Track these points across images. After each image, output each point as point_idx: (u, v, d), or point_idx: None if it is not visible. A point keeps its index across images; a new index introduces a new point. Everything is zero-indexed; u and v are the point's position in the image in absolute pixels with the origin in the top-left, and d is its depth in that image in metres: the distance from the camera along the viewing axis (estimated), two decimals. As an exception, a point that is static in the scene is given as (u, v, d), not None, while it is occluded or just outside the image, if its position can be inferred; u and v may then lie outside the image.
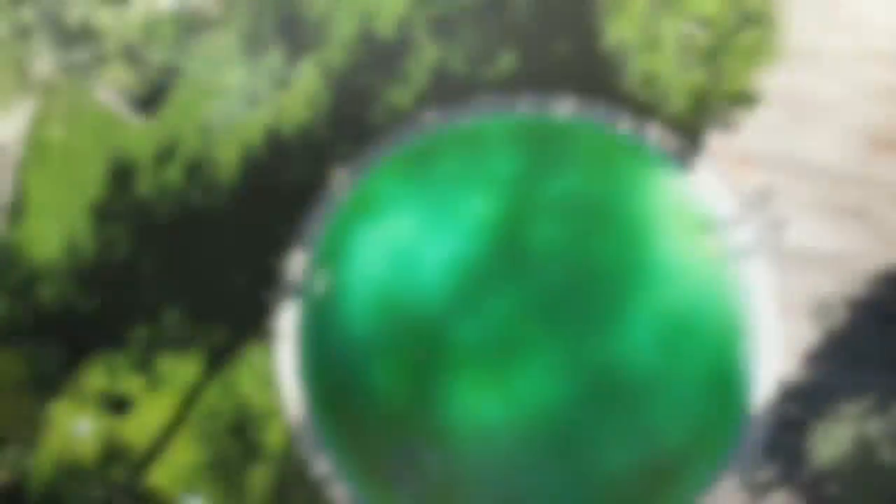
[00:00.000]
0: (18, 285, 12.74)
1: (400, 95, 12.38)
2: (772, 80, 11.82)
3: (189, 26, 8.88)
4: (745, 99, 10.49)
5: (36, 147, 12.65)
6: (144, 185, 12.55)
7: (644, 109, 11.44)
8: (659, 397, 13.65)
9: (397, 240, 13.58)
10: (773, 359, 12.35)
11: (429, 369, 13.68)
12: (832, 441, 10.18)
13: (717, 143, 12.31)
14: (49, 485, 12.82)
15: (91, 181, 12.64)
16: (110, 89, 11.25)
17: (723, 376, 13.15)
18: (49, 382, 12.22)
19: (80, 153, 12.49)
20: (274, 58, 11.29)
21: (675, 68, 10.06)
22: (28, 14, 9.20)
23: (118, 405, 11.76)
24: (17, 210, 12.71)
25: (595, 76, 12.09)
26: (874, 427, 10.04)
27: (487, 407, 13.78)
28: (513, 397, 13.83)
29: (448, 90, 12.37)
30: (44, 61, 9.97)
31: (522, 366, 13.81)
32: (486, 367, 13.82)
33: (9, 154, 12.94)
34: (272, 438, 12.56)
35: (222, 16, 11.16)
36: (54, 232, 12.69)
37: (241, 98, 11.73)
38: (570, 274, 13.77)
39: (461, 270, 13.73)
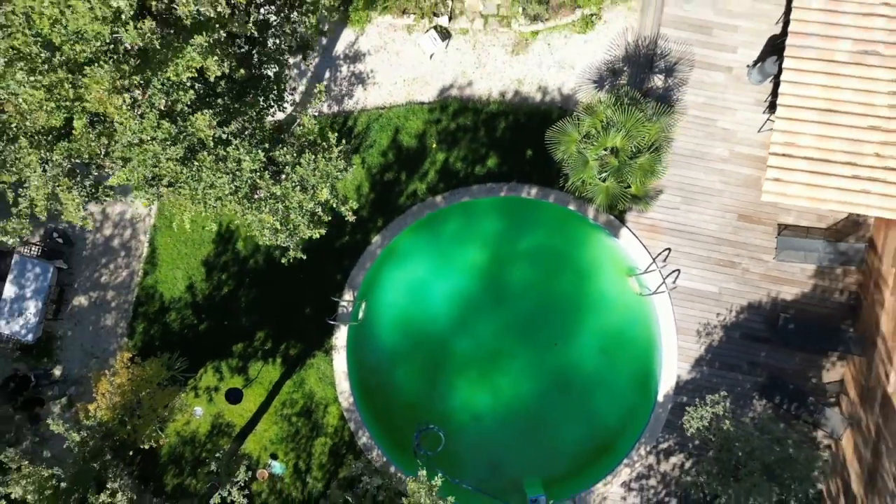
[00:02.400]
0: (154, 314, 18.31)
1: (418, 186, 18.01)
2: (671, 175, 17.50)
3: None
4: (644, 199, 16.10)
5: (164, 217, 18.22)
6: (241, 246, 18.15)
7: (582, 198, 17.00)
8: (598, 391, 19.14)
9: (414, 281, 19.10)
10: (672, 364, 17.99)
11: (436, 372, 19.07)
12: (697, 418, 15.83)
13: (633, 217, 17.94)
14: (174, 450, 18.39)
15: (204, 242, 18.22)
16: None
17: (640, 376, 18.58)
18: (177, 381, 17.79)
19: (196, 222, 17.97)
20: (339, 162, 16.76)
21: (596, 180, 15.71)
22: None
23: (235, 398, 17.35)
24: (152, 262, 18.27)
25: (551, 175, 17.73)
26: (722, 408, 15.69)
27: (478, 398, 19.24)
28: (495, 391, 19.30)
29: (453, 182, 18.01)
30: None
31: (502, 369, 19.29)
32: (477, 370, 19.29)
33: (145, 221, 18.50)
34: (330, 420, 18.14)
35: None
36: (178, 278, 18.25)
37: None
38: (536, 304, 19.21)
39: (459, 302, 19.15)
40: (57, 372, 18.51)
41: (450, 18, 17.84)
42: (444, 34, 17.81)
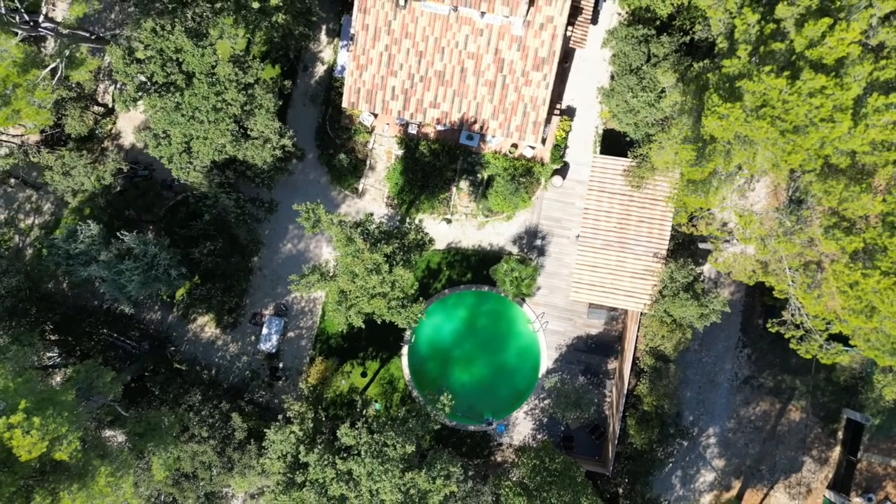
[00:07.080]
0: (325, 340, 42.32)
1: (437, 285, 42.16)
2: (545, 281, 41.64)
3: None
4: (531, 294, 40.28)
5: (330, 295, 42.35)
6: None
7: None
8: (516, 373, 42.99)
9: (435, 325, 43.01)
10: (545, 361, 42.04)
11: (445, 364, 43.01)
12: (550, 380, 39.94)
13: (529, 300, 42.09)
14: (331, 399, 42.38)
15: (346, 309, 42.22)
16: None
17: (532, 367, 42.39)
18: (335, 369, 41.83)
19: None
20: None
21: (510, 288, 39.88)
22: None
23: (364, 374, 41.42)
24: (323, 317, 42.24)
25: (494, 282, 41.82)
26: (559, 379, 39.88)
27: (465, 376, 43.24)
28: (471, 373, 43.23)
29: (452, 284, 42.15)
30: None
31: (474, 363, 43.23)
32: (464, 364, 43.31)
33: (319, 300, 42.49)
34: (400, 385, 42.09)
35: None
36: (336, 324, 42.24)
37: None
38: (488, 334, 43.18)
39: (455, 333, 43.17)
40: (280, 365, 42.69)
41: (451, 214, 42.07)
42: (448, 221, 42.02)
